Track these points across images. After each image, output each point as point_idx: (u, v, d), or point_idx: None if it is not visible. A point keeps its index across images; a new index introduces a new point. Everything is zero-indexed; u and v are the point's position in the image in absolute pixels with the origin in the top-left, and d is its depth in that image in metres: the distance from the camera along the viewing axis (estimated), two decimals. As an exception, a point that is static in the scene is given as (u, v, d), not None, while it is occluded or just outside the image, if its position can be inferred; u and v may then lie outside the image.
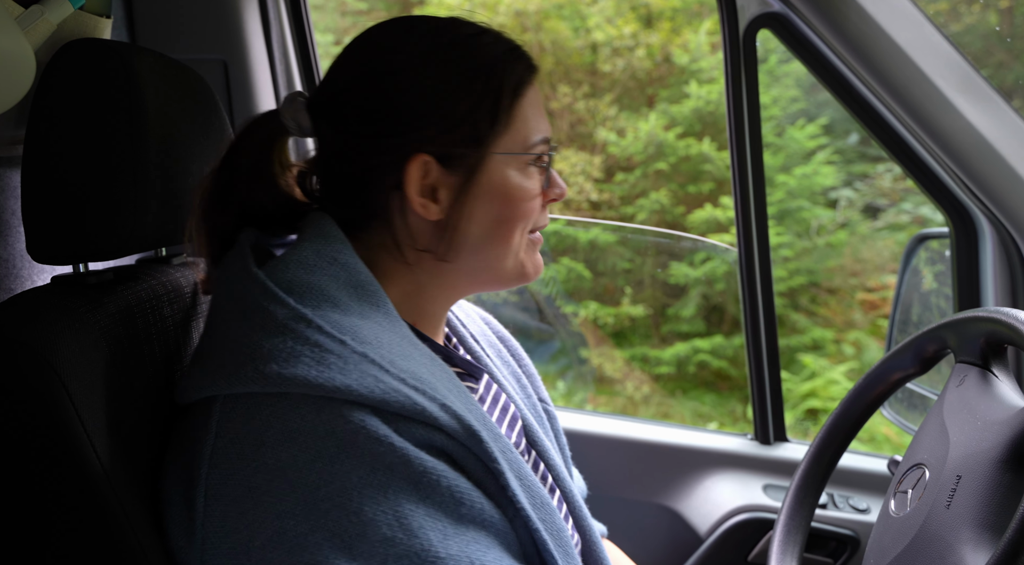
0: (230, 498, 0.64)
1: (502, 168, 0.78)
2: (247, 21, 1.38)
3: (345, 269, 0.73)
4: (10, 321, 0.65)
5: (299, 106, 0.78)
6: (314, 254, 0.72)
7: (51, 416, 0.62)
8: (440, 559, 0.63)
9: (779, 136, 4.98)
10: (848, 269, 4.95)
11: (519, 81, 0.79)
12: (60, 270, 0.97)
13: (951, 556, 0.73)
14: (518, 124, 0.78)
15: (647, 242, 5.21)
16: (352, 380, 0.64)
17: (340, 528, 0.62)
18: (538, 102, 0.81)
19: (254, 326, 0.67)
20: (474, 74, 0.76)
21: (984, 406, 0.82)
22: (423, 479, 0.64)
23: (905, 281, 1.51)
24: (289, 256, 0.72)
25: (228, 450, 0.64)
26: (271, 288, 0.69)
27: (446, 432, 0.67)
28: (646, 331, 5.02)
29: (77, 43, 0.75)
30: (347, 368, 0.65)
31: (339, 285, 0.71)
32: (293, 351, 0.65)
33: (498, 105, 0.77)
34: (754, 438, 1.57)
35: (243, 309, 0.69)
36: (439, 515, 0.65)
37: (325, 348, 0.65)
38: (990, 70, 4.20)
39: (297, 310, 0.67)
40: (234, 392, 0.66)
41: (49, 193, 0.73)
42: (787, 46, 1.30)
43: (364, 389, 0.64)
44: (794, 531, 1.00)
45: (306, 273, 0.70)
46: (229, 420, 0.66)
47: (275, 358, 0.65)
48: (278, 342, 0.65)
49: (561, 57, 5.57)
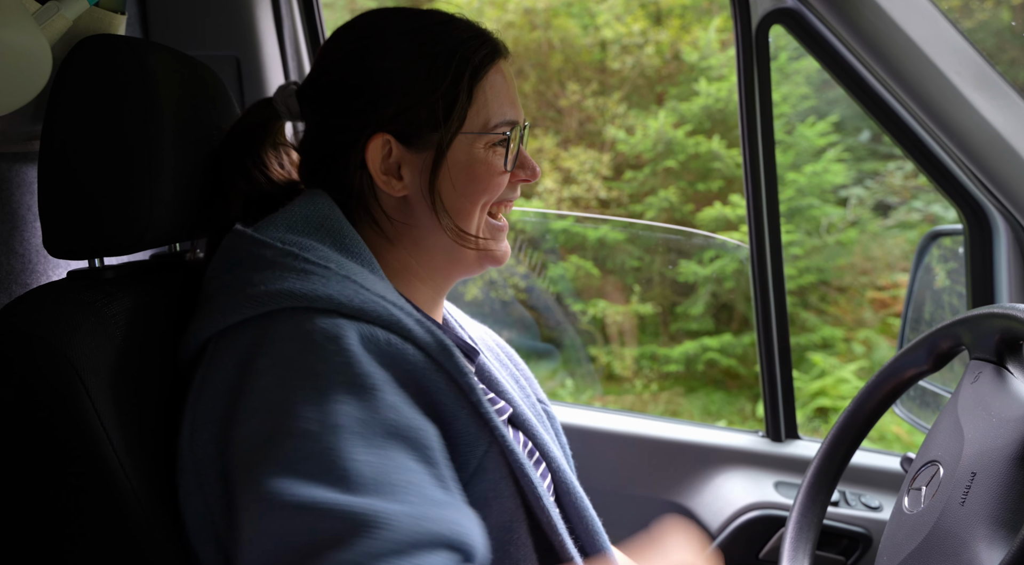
0: (214, 419, 0.67)
1: (464, 147, 0.81)
2: (260, 18, 1.38)
3: (331, 233, 0.76)
4: (27, 315, 0.65)
5: (290, 93, 0.84)
6: (301, 219, 0.76)
7: (67, 408, 0.63)
8: (351, 462, 0.60)
9: (789, 134, 4.95)
10: (858, 267, 4.92)
11: (479, 64, 0.81)
12: (76, 265, 0.97)
13: (965, 553, 0.72)
14: (479, 106, 0.81)
15: (656, 239, 5.20)
16: (333, 291, 0.67)
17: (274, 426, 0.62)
18: (503, 85, 0.83)
19: (245, 268, 0.71)
20: (435, 57, 0.80)
21: (999, 403, 0.82)
22: (362, 383, 0.64)
23: (918, 279, 1.50)
24: (277, 218, 0.76)
25: (215, 375, 0.67)
26: (261, 238, 0.73)
27: (419, 345, 0.69)
28: (655, 329, 5.02)
29: (92, 39, 0.75)
30: (329, 283, 0.68)
31: (325, 245, 0.75)
32: (280, 275, 0.69)
33: (457, 86, 0.80)
34: (765, 435, 1.56)
35: (234, 259, 0.73)
36: (365, 422, 0.63)
37: (310, 271, 0.69)
38: (1003, 66, 4.16)
39: (285, 248, 0.71)
40: (228, 323, 0.69)
41: (65, 188, 0.73)
42: (800, 42, 1.29)
43: (344, 298, 0.67)
44: (806, 528, 1.00)
45: (293, 233, 0.74)
46: (217, 350, 0.69)
47: (263, 282, 0.68)
48: (268, 274, 0.69)
49: (570, 54, 5.56)
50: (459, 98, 0.80)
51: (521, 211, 4.14)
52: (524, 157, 0.86)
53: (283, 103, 0.84)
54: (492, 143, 0.82)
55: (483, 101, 0.81)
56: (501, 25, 5.54)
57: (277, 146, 0.88)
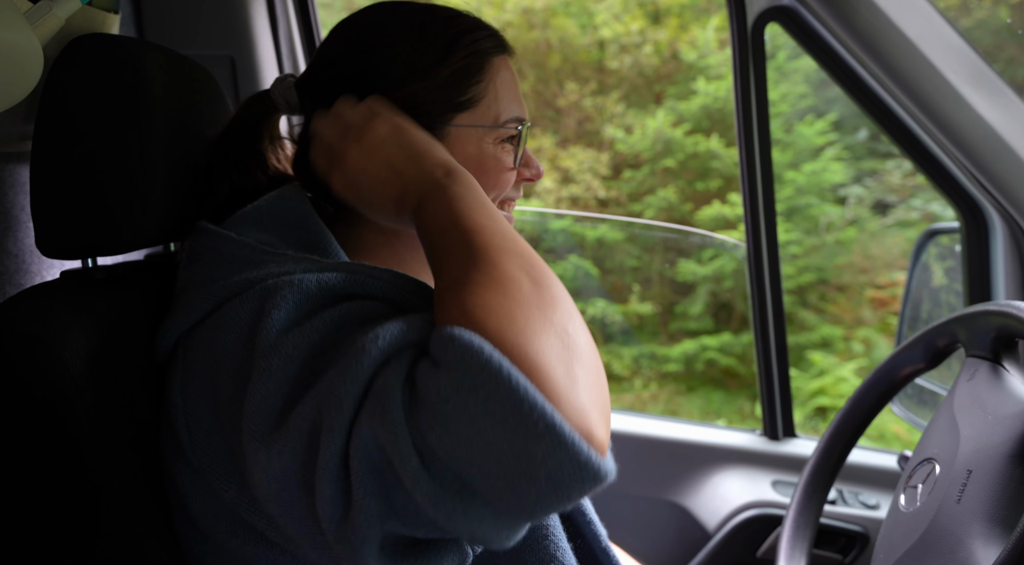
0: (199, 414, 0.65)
1: (475, 141, 0.80)
2: (255, 17, 1.38)
3: (295, 227, 0.75)
4: (19, 315, 0.65)
5: (288, 85, 0.82)
6: (268, 212, 0.75)
7: (60, 409, 0.63)
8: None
9: (787, 132, 4.95)
10: (857, 266, 4.92)
11: (488, 51, 0.81)
12: (69, 265, 0.97)
13: (961, 551, 0.72)
14: (489, 101, 0.80)
15: (655, 239, 5.20)
16: (290, 268, 0.66)
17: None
18: (511, 82, 0.83)
19: (204, 264, 0.71)
20: (445, 51, 0.79)
21: (995, 400, 0.82)
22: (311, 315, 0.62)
23: (915, 277, 1.50)
24: (243, 212, 0.75)
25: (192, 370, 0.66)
26: (219, 232, 0.72)
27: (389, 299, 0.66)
28: (654, 329, 5.01)
29: (85, 38, 0.75)
30: (286, 264, 0.67)
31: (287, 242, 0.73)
32: (238, 269, 0.68)
33: (467, 80, 0.79)
34: (763, 434, 1.56)
35: (195, 255, 0.73)
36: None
37: (267, 260, 0.68)
38: (1001, 65, 4.16)
39: (241, 240, 0.71)
40: (191, 322, 0.68)
41: (58, 188, 0.73)
42: (796, 40, 1.29)
43: (301, 269, 0.65)
44: (803, 527, 1.00)
45: (256, 228, 0.73)
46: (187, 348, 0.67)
47: (222, 277, 0.68)
48: (225, 267, 0.69)
49: (568, 54, 5.56)
50: (469, 91, 0.78)
51: (520, 211, 4.13)
52: (529, 156, 0.85)
53: (281, 96, 0.82)
54: (501, 139, 0.81)
55: (493, 95, 0.80)
56: (500, 25, 5.50)
57: (274, 140, 0.87)
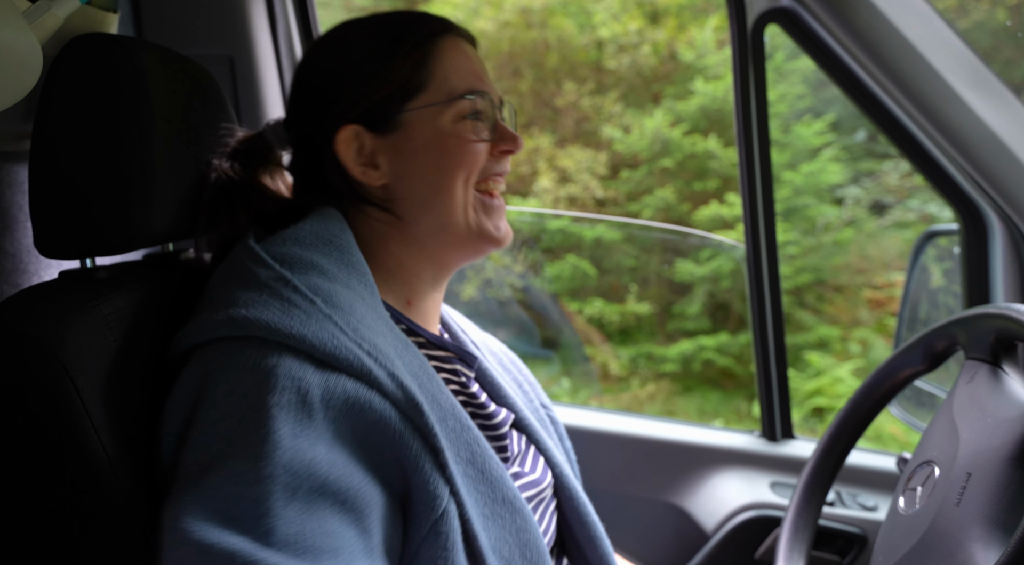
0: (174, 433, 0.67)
1: (430, 121, 0.82)
2: (254, 17, 1.38)
3: (339, 249, 0.77)
4: (18, 315, 0.65)
5: (277, 123, 0.88)
6: (311, 234, 0.77)
7: (58, 409, 0.62)
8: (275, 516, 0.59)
9: (785, 133, 4.96)
10: (854, 267, 4.93)
11: (426, 34, 0.83)
12: (67, 265, 0.97)
13: (960, 554, 0.72)
14: (439, 81, 0.82)
15: (652, 239, 5.20)
16: (309, 332, 0.66)
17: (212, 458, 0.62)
18: (463, 59, 0.85)
19: (238, 284, 0.71)
20: (388, 42, 0.82)
21: (994, 403, 0.82)
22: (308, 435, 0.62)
23: (914, 278, 1.50)
24: (287, 233, 0.77)
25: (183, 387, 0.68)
26: (262, 256, 0.73)
27: (389, 398, 0.67)
28: (651, 329, 5.02)
29: (84, 38, 0.75)
30: (309, 321, 0.67)
31: (331, 261, 0.75)
32: (264, 302, 0.68)
33: (408, 61, 0.81)
34: (761, 435, 1.56)
35: (233, 273, 0.74)
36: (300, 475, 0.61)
37: (294, 303, 0.69)
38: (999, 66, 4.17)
39: (279, 272, 0.71)
40: (208, 338, 0.68)
41: (56, 188, 0.73)
42: (795, 41, 1.29)
43: (317, 341, 0.66)
44: (802, 529, 1.00)
45: (301, 249, 0.75)
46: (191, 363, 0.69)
47: (246, 305, 0.68)
48: (254, 295, 0.69)
49: (566, 54, 5.56)
50: (413, 72, 0.81)
51: (517, 211, 4.13)
52: (503, 128, 0.86)
53: (272, 133, 0.88)
54: (461, 115, 0.82)
55: (442, 75, 0.82)
56: (498, 24, 5.54)
57: (274, 175, 0.91)
